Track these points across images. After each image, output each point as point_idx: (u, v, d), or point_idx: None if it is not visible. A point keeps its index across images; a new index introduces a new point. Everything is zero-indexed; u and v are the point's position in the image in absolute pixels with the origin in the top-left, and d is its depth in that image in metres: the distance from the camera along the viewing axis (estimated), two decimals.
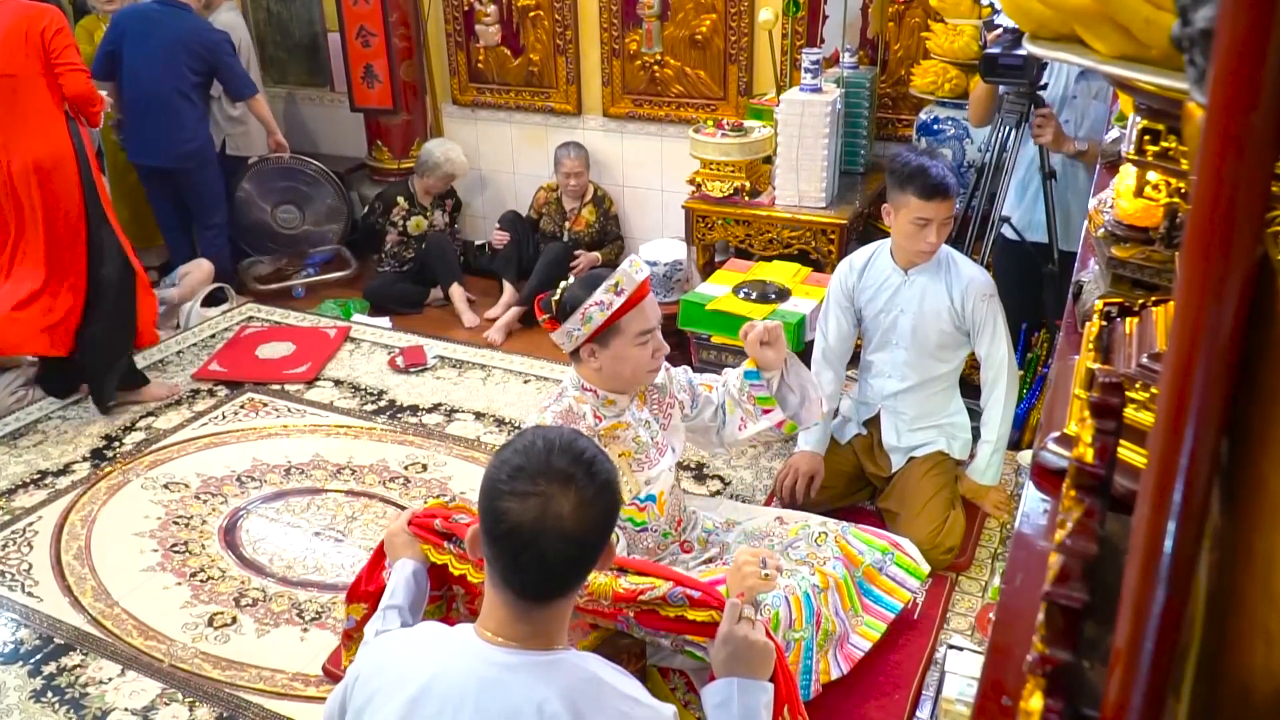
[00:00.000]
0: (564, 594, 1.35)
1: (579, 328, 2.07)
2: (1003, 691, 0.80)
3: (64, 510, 3.26)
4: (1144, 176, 1.17)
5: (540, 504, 1.28)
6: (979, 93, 3.28)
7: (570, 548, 1.30)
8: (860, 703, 2.31)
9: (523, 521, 1.28)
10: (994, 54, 2.94)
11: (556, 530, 1.28)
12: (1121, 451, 0.86)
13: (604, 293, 2.04)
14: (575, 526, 1.29)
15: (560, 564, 1.31)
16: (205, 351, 4.32)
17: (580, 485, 1.29)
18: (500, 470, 1.32)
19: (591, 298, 2.04)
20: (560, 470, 1.29)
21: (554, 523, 1.27)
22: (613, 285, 2.04)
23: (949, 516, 2.81)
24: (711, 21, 4.33)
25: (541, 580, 1.32)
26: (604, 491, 1.33)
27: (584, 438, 1.38)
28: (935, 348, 2.86)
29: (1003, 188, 3.23)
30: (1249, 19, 0.39)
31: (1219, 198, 0.43)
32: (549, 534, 1.28)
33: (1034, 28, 0.91)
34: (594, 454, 1.35)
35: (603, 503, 1.33)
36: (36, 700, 2.50)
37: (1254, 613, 0.53)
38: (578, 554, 1.32)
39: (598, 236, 4.68)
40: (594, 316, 2.05)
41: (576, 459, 1.32)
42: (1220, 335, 0.44)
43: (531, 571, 1.31)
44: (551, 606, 1.35)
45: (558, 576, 1.33)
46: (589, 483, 1.30)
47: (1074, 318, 1.39)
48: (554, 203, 4.72)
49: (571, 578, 1.35)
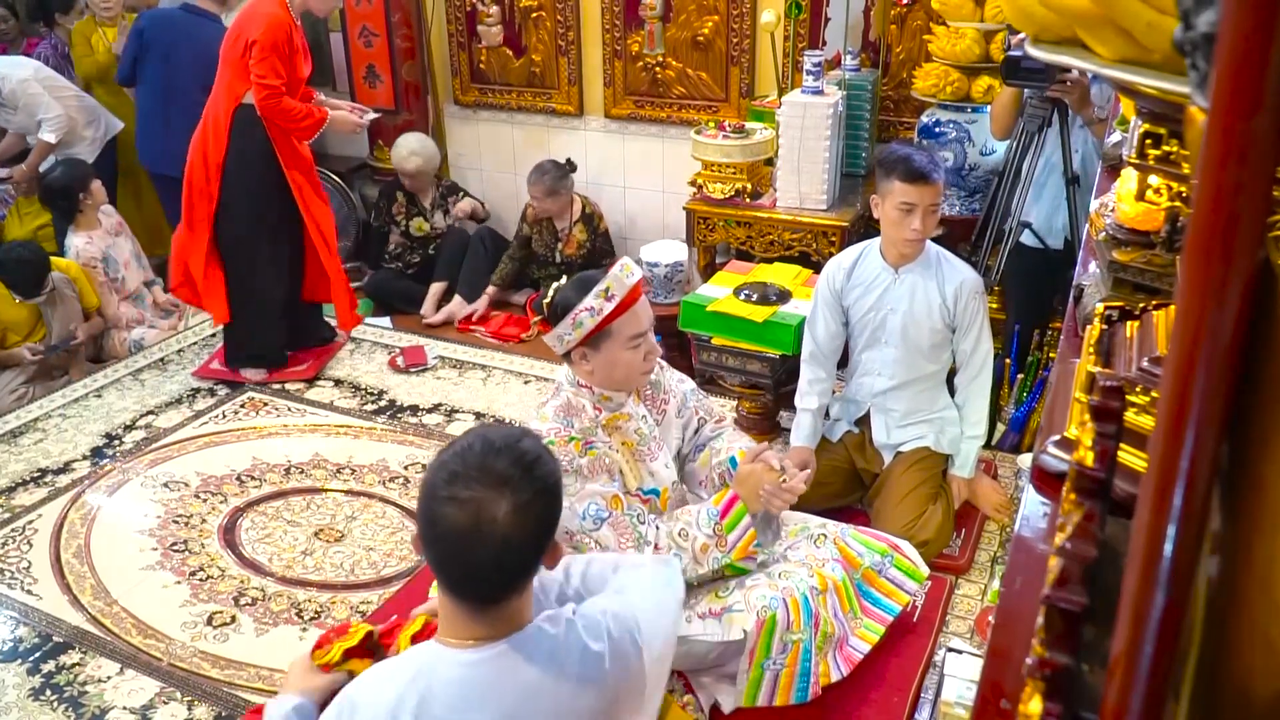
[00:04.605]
0: (511, 594, 1.32)
1: (570, 332, 2.07)
2: (1002, 694, 0.80)
3: (64, 508, 3.26)
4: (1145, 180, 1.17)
5: (474, 509, 1.24)
6: (1003, 101, 3.23)
7: (506, 554, 1.26)
8: (859, 705, 2.31)
9: (455, 528, 1.24)
10: (1016, 57, 2.88)
11: (490, 536, 1.24)
12: (1122, 455, 0.86)
13: (594, 298, 2.03)
14: (510, 533, 1.25)
15: (496, 571, 1.28)
16: (205, 351, 4.32)
17: (516, 489, 1.25)
18: (438, 474, 1.28)
19: (582, 303, 2.04)
20: (498, 473, 1.26)
21: (488, 528, 1.24)
22: (603, 290, 2.03)
23: (926, 511, 2.82)
24: (714, 23, 4.33)
25: (482, 585, 1.30)
26: (542, 494, 1.29)
27: (530, 437, 1.34)
28: (927, 346, 2.87)
29: (1020, 195, 3.22)
30: (1251, 23, 0.39)
31: (1220, 202, 0.43)
32: (483, 540, 1.24)
33: (1036, 31, 0.91)
34: (537, 454, 1.31)
35: (540, 506, 1.29)
36: (35, 698, 2.50)
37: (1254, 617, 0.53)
38: (514, 560, 1.28)
39: (589, 257, 4.50)
40: (584, 322, 2.05)
41: (517, 460, 1.27)
42: (1221, 339, 0.44)
43: (471, 578, 1.28)
44: (503, 605, 1.32)
45: (497, 582, 1.30)
46: (526, 486, 1.26)
47: (1075, 321, 1.39)
48: (546, 221, 4.55)
49: (513, 580, 1.31)
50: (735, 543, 2.09)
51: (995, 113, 3.33)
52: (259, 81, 3.61)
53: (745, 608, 2.15)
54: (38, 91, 4.42)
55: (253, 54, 3.60)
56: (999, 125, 3.33)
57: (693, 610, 2.18)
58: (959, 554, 2.87)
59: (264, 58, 3.59)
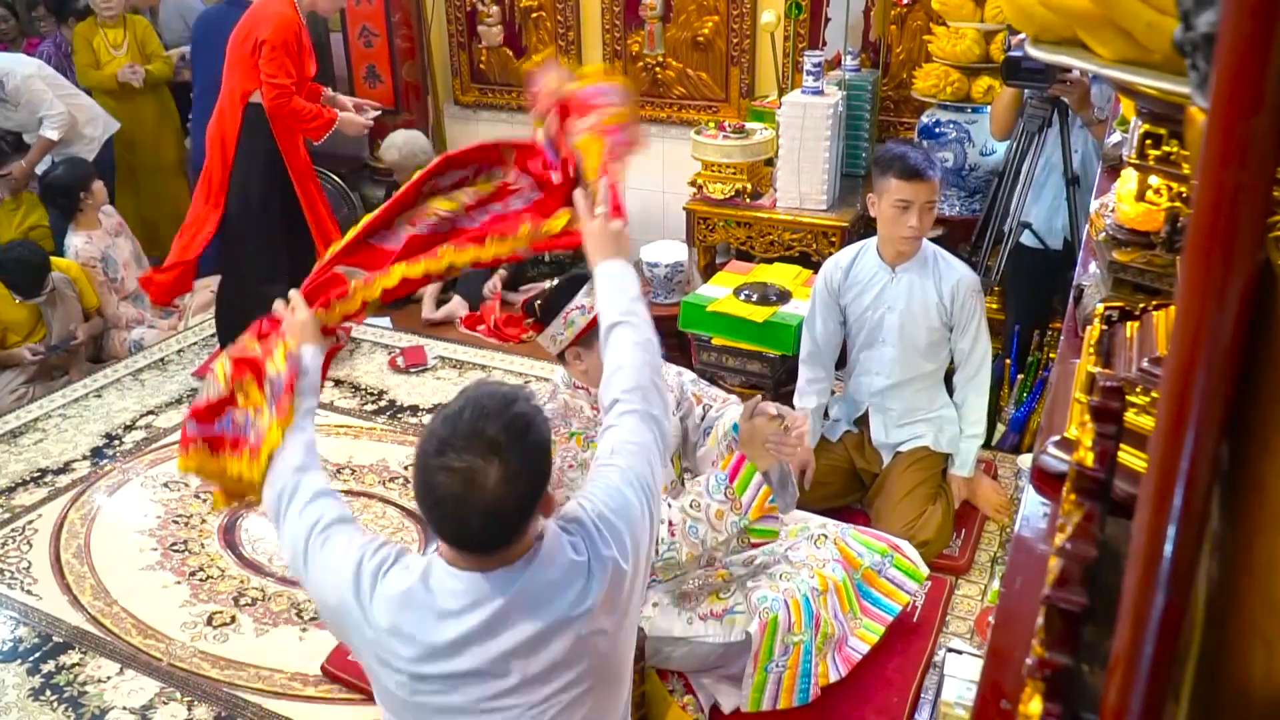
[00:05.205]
0: (509, 545, 1.35)
1: (562, 331, 2.08)
2: (1002, 695, 0.80)
3: (64, 508, 3.26)
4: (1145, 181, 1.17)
5: (465, 477, 1.27)
6: (1004, 101, 3.24)
7: (497, 519, 1.31)
8: (859, 705, 2.31)
9: (447, 495, 1.28)
10: (1016, 57, 2.88)
11: (480, 503, 1.28)
12: (1122, 456, 0.86)
13: (585, 296, 2.04)
14: (502, 500, 1.28)
15: (489, 530, 1.32)
16: (205, 351, 4.32)
17: (507, 456, 1.28)
18: (429, 442, 1.31)
19: (573, 301, 2.04)
20: (489, 439, 1.28)
21: (478, 495, 1.27)
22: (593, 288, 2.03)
23: (925, 511, 2.82)
24: (714, 23, 4.33)
25: (477, 543, 1.34)
26: (533, 459, 1.32)
27: (522, 400, 1.35)
28: (924, 345, 2.87)
29: (1020, 196, 3.22)
30: (1251, 24, 0.39)
31: (1221, 202, 0.43)
32: (474, 507, 1.28)
33: (1036, 31, 0.91)
34: (529, 418, 1.33)
35: (532, 472, 1.32)
36: (35, 698, 2.50)
37: (1253, 617, 0.53)
38: (507, 520, 1.32)
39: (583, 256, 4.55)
40: (576, 320, 2.05)
41: (507, 427, 1.30)
42: (1221, 340, 0.44)
43: (463, 536, 1.33)
44: (500, 553, 1.35)
45: (491, 538, 1.34)
46: (518, 452, 1.29)
47: (1075, 321, 1.39)
48: None
49: (508, 535, 1.35)
50: (750, 503, 2.02)
51: (995, 113, 3.33)
52: (269, 81, 3.60)
53: (746, 609, 2.15)
54: (41, 88, 4.42)
55: (262, 53, 3.59)
56: (999, 126, 3.33)
57: (694, 612, 2.18)
58: (959, 554, 2.86)
59: (274, 57, 3.58)
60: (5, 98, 4.44)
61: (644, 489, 1.47)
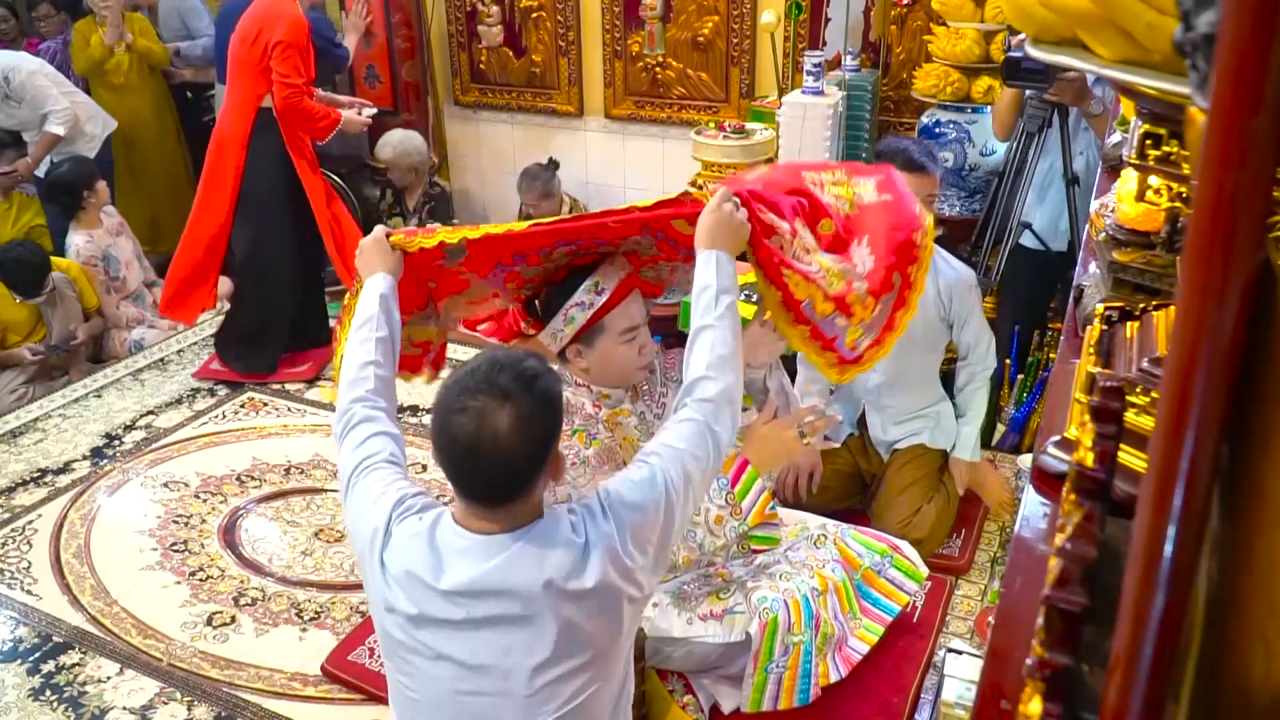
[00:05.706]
0: (517, 498, 1.39)
1: (563, 328, 2.07)
2: (1002, 695, 0.80)
3: (64, 508, 3.26)
4: (1145, 181, 1.17)
5: (476, 418, 1.33)
6: (1005, 101, 3.25)
7: (507, 463, 1.35)
8: (859, 705, 2.31)
9: (460, 435, 1.34)
10: (1016, 57, 2.88)
11: (491, 445, 1.33)
12: (1122, 456, 0.86)
13: (584, 293, 2.03)
14: (513, 442, 1.34)
15: (498, 479, 1.37)
16: (205, 351, 4.32)
17: (517, 400, 1.34)
18: (448, 392, 1.39)
19: (572, 298, 2.04)
20: (500, 386, 1.35)
21: (489, 437, 1.33)
22: (593, 285, 2.03)
23: (920, 509, 2.82)
24: (714, 24, 4.33)
25: (486, 490, 1.39)
26: (543, 406, 1.37)
27: (534, 358, 1.42)
28: (920, 340, 2.87)
29: (1021, 195, 3.22)
30: (1251, 24, 0.39)
31: (1220, 202, 0.43)
32: (484, 448, 1.33)
33: (1036, 32, 0.91)
34: (539, 371, 1.40)
35: (541, 418, 1.37)
36: (35, 698, 2.50)
37: (1253, 618, 0.53)
38: (518, 465, 1.36)
39: None
40: (576, 317, 2.04)
41: (518, 376, 1.36)
42: (1221, 340, 0.44)
43: (475, 482, 1.38)
44: (508, 508, 1.40)
45: (502, 486, 1.38)
46: (527, 398, 1.35)
47: (1075, 321, 1.39)
48: None
49: (518, 484, 1.39)
50: (750, 509, 2.04)
51: (997, 113, 3.34)
52: (282, 80, 3.61)
53: (746, 609, 2.15)
54: (45, 85, 4.42)
55: (275, 53, 3.60)
56: (1001, 126, 3.34)
57: (694, 612, 2.18)
58: (959, 554, 2.87)
59: (288, 56, 3.60)
60: (10, 94, 4.44)
61: (669, 490, 1.50)
